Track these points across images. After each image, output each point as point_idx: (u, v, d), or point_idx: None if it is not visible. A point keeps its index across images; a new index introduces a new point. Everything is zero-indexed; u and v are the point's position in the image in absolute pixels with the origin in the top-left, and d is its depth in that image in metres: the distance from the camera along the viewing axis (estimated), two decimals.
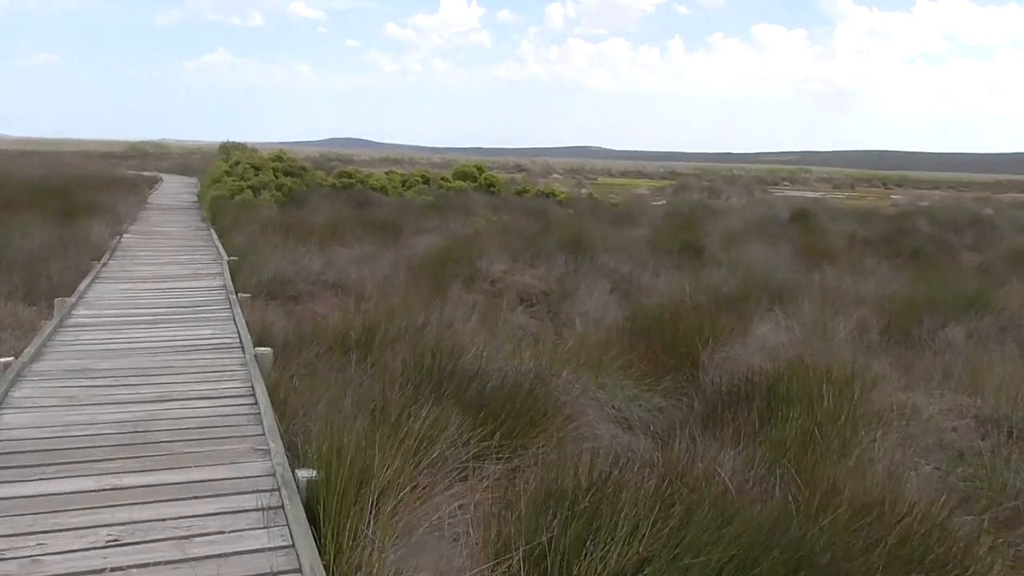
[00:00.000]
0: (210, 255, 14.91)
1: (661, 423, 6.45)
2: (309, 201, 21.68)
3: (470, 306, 12.17)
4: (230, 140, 31.53)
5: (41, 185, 23.90)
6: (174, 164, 59.93)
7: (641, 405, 6.68)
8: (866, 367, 6.78)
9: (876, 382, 6.32)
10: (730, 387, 6.62)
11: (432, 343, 7.00)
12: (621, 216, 25.76)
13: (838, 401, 5.68)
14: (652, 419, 6.54)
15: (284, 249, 14.03)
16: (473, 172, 28.59)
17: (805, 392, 5.87)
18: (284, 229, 16.68)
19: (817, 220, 26.94)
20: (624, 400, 6.66)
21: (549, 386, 6.15)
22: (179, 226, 19.76)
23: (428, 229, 19.71)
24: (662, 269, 14.73)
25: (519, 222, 21.63)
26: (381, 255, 16.23)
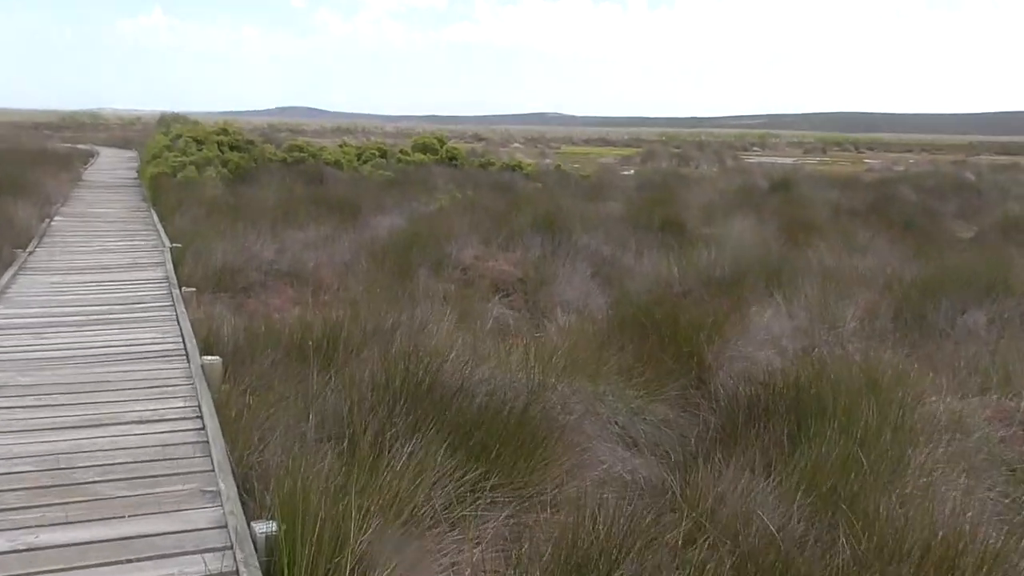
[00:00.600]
0: (151, 241, 14.03)
1: (672, 440, 5.87)
2: (258, 178, 20.75)
3: (441, 297, 11.51)
4: (170, 111, 30.29)
5: None
6: (112, 136, 58.14)
7: (647, 419, 6.08)
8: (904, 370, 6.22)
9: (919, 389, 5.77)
10: (748, 396, 6.04)
11: (405, 350, 6.32)
12: (592, 189, 25.12)
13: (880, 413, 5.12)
14: (661, 436, 5.94)
15: (233, 234, 13.19)
16: (434, 144, 27.75)
17: (838, 402, 5.31)
18: (232, 210, 15.82)
19: (798, 189, 26.56)
20: (627, 413, 6.06)
21: (543, 401, 5.52)
22: (116, 207, 18.76)
23: (389, 208, 18.92)
24: (644, 249, 14.14)
25: (486, 198, 20.90)
26: (339, 238, 15.43)
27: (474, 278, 11.91)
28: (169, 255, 12.24)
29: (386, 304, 9.95)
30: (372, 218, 17.78)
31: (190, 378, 6.63)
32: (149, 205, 18.64)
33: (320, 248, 14.22)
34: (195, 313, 9.45)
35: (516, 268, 12.11)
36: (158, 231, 14.78)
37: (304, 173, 21.92)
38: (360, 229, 16.95)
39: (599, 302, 11.65)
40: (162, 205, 17.18)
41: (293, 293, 11.54)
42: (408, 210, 19.36)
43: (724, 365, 7.03)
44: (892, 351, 7.99)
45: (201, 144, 21.78)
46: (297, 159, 23.40)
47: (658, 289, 11.88)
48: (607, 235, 14.72)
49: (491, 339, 8.62)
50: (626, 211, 20.06)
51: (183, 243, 12.92)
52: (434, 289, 11.61)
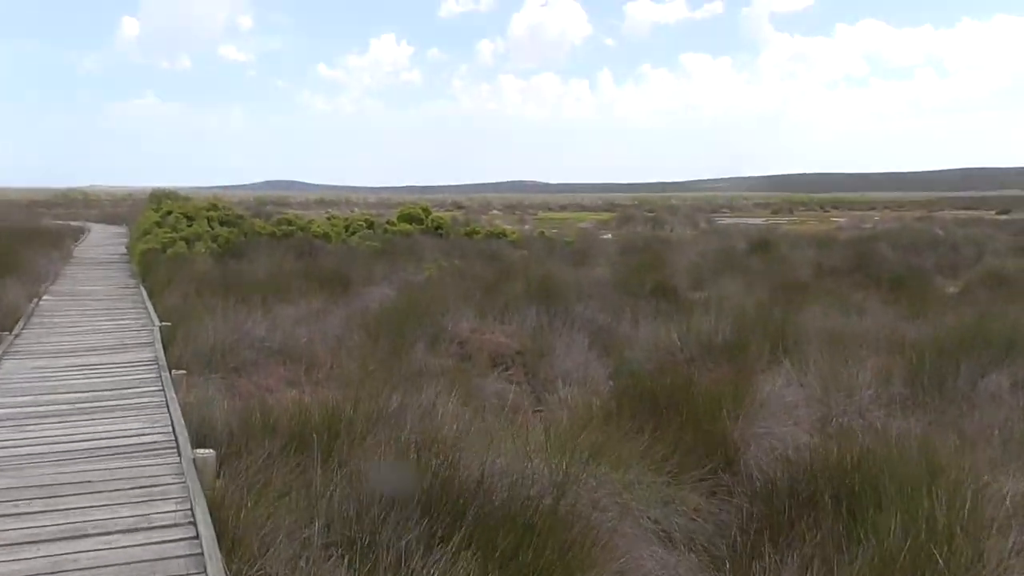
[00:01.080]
0: (140, 319, 13.34)
1: (708, 532, 5.23)
2: (248, 252, 20.14)
3: (439, 373, 10.86)
4: (160, 187, 29.73)
5: None
6: (103, 212, 57.48)
7: (679, 510, 5.44)
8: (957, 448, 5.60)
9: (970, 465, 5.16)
10: (787, 480, 5.41)
11: (414, 440, 5.67)
12: (577, 255, 24.69)
13: (945, 499, 4.50)
14: (696, 528, 5.30)
15: (223, 311, 12.52)
16: (419, 214, 27.30)
17: (895, 488, 4.71)
18: (222, 286, 15.15)
19: (778, 250, 26.24)
20: (659, 504, 5.41)
21: (571, 497, 4.87)
22: (106, 284, 18.05)
23: (378, 278, 18.34)
24: (639, 316, 13.59)
25: (475, 267, 20.38)
26: (330, 311, 14.80)
27: (471, 351, 11.28)
28: (158, 334, 11.55)
29: (385, 383, 9.32)
30: (363, 289, 17.19)
31: (181, 475, 5.94)
32: (138, 281, 17.95)
33: (312, 323, 13.57)
34: (186, 397, 8.78)
35: (513, 340, 11.50)
36: (147, 309, 14.09)
37: (294, 246, 21.33)
38: (351, 301, 16.34)
39: (599, 372, 11.05)
40: (152, 281, 16.51)
41: (286, 372, 10.85)
42: (397, 280, 18.78)
43: (751, 443, 6.42)
44: (915, 419, 7.41)
45: (191, 220, 21.19)
46: (286, 232, 22.84)
47: (659, 357, 11.31)
48: (602, 303, 14.16)
49: (499, 419, 7.99)
50: (614, 276, 19.58)
51: (173, 321, 12.25)
52: (431, 364, 10.97)
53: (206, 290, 15.25)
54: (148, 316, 13.54)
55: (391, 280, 18.64)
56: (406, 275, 19.59)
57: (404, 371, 10.91)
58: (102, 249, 26.53)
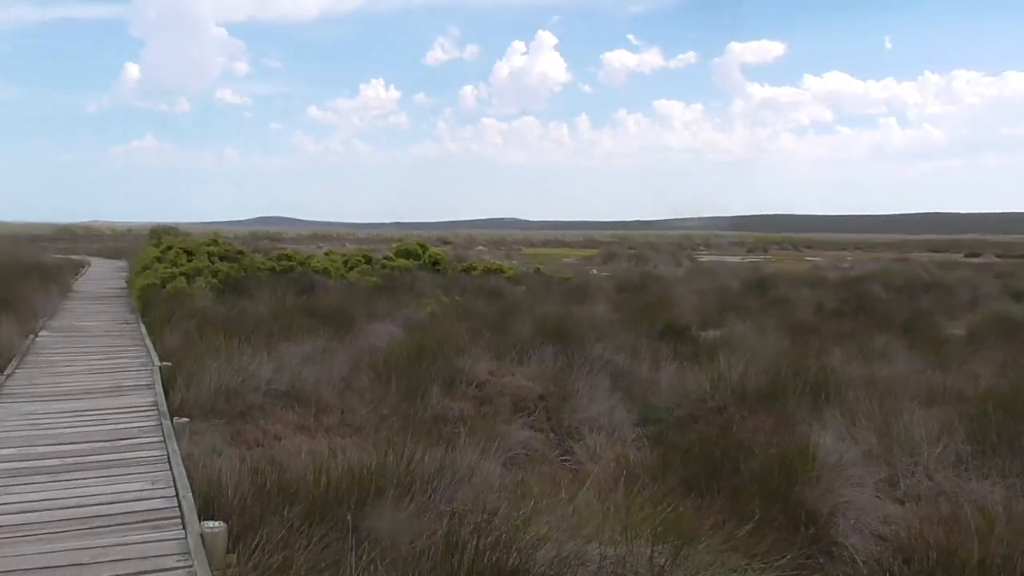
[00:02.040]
0: (139, 358, 12.22)
1: None
2: (248, 288, 19.05)
3: (457, 418, 9.81)
4: (160, 223, 28.63)
5: None
6: (104, 247, 56.04)
7: None
8: None
9: None
10: None
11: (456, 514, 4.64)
12: (574, 291, 23.74)
13: None
14: None
15: (226, 350, 11.43)
16: (416, 250, 26.31)
17: None
18: (224, 324, 14.06)
19: (776, 289, 25.40)
20: None
21: None
22: (104, 319, 16.90)
23: (381, 316, 17.28)
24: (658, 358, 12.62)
25: (477, 304, 19.36)
26: (336, 350, 13.73)
27: (491, 395, 10.24)
28: (159, 376, 10.47)
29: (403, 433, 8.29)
30: (366, 327, 16.12)
31: (187, 554, 4.87)
32: (138, 317, 16.82)
33: (318, 362, 12.49)
34: (189, 447, 7.71)
35: (534, 383, 10.47)
36: (147, 347, 12.99)
37: (294, 282, 20.25)
38: (356, 339, 15.27)
39: (624, 418, 10.04)
40: (151, 317, 15.39)
41: (295, 417, 9.76)
42: (401, 317, 17.73)
43: (835, 514, 5.42)
44: (990, 482, 6.45)
45: (191, 255, 20.09)
46: (285, 268, 21.76)
47: (688, 404, 10.33)
48: (615, 343, 13.17)
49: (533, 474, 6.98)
50: (620, 315, 18.62)
51: (174, 361, 11.16)
52: (449, 409, 9.93)
53: (207, 327, 14.14)
54: (148, 354, 12.44)
55: (394, 317, 17.59)
56: (408, 312, 18.56)
57: (420, 416, 9.88)
58: (101, 284, 25.32)
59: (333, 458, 6.46)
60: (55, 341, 13.78)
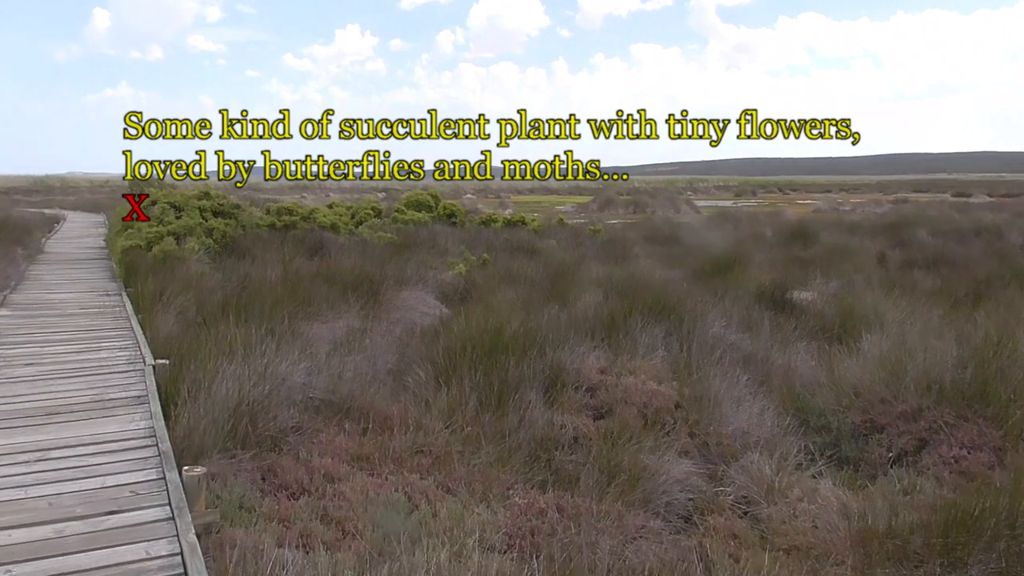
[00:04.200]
0: (125, 351, 9.24)
1: None
2: (248, 249, 15.97)
3: (574, 439, 6.98)
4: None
5: None
6: (81, 200, 52.28)
7: None
8: None
9: None
10: None
11: None
12: (611, 246, 20.84)
13: None
14: None
15: (240, 340, 8.48)
16: (428, 201, 23.21)
17: None
18: (230, 299, 11.06)
19: (818, 237, 22.67)
20: None
21: None
22: (80, 290, 13.81)
23: (410, 280, 14.33)
24: (778, 334, 9.82)
25: (514, 264, 16.43)
26: (372, 330, 10.84)
27: (610, 403, 7.39)
28: (153, 383, 7.54)
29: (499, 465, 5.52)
30: (396, 296, 13.21)
31: None
32: (120, 287, 13.75)
33: (354, 349, 9.60)
34: (202, 517, 4.89)
35: (662, 386, 7.60)
36: (135, 334, 10.00)
37: (300, 241, 17.17)
38: (388, 311, 12.39)
39: (778, 425, 7.28)
40: (137, 289, 12.32)
41: (347, 441, 6.90)
42: (432, 282, 14.81)
43: None
44: None
45: (180, 210, 16.89)
46: (288, 224, 18.62)
47: (860, 405, 7.55)
48: (723, 317, 10.34)
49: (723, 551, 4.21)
50: (678, 274, 15.79)
51: (172, 358, 8.23)
52: (558, 425, 7.09)
53: (209, 304, 11.17)
54: (135, 342, 9.48)
55: (424, 281, 14.67)
56: (437, 274, 15.62)
57: (517, 437, 7.05)
58: (78, 243, 22.06)
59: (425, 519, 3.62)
60: (15, 324, 10.74)
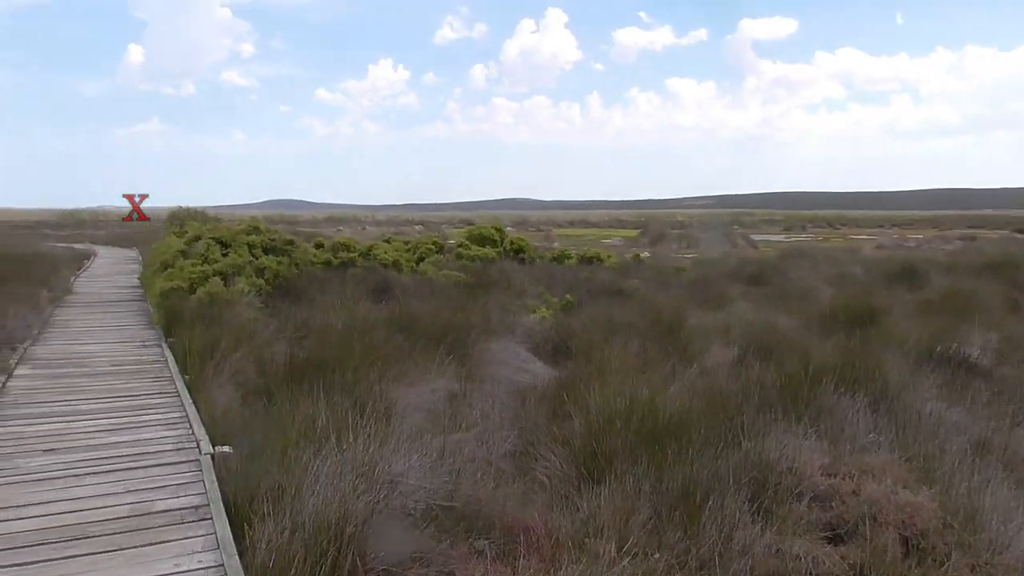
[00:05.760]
0: (170, 426, 7.31)
1: None
2: (304, 290, 14.13)
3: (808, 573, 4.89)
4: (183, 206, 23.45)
5: None
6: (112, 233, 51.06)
7: None
8: None
9: None
10: None
11: None
12: (699, 286, 18.75)
13: None
14: None
15: (323, 412, 6.52)
16: (493, 235, 21.34)
17: None
18: (296, 358, 9.09)
19: (927, 278, 20.41)
20: None
21: None
22: (113, 340, 12.00)
23: (497, 328, 12.36)
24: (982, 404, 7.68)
25: (606, 307, 14.41)
26: (470, 394, 8.85)
27: (852, 520, 5.27)
28: (216, 488, 5.59)
29: None
30: (485, 348, 11.23)
31: None
32: (160, 337, 11.93)
33: (457, 421, 7.62)
34: None
35: (920, 495, 5.48)
36: (181, 400, 8.09)
37: (361, 281, 15.30)
38: (479, 366, 10.41)
39: None
40: (182, 342, 10.43)
41: None
42: (521, 330, 12.81)
43: None
44: None
45: (227, 247, 15.11)
46: (345, 261, 16.79)
47: None
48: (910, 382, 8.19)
49: None
50: (799, 322, 13.67)
51: (234, 443, 6.31)
52: (780, 558, 4.99)
53: (270, 360, 9.23)
54: (183, 416, 7.57)
55: (513, 329, 12.68)
56: (521, 318, 13.64)
57: (735, 571, 4.97)
58: (109, 282, 20.38)
59: None
60: (34, 388, 8.89)
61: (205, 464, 6.07)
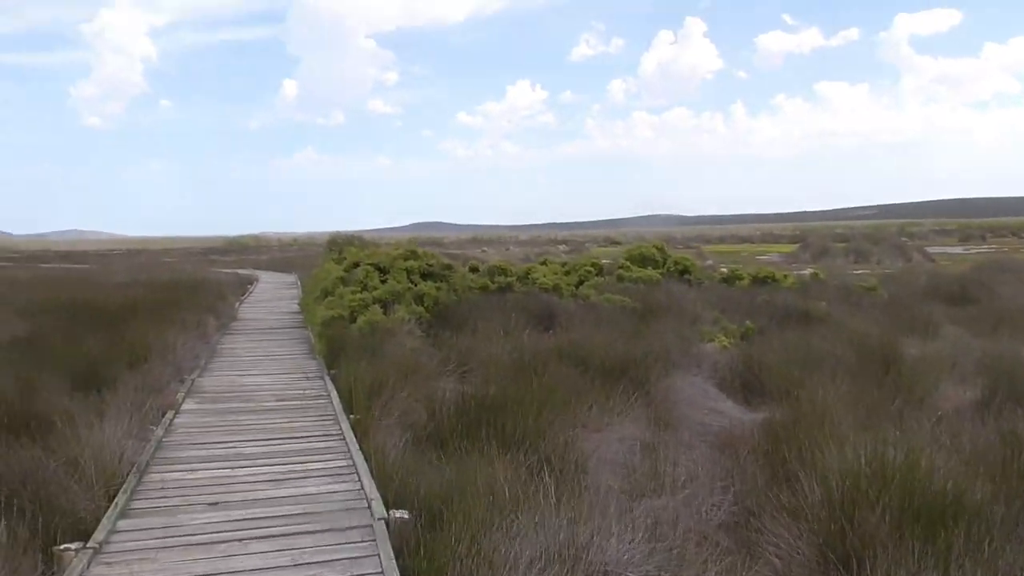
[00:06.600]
0: (337, 478, 6.61)
1: None
2: (466, 318, 13.47)
3: None
4: (341, 231, 23.61)
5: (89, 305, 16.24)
6: (272, 258, 53.23)
7: None
8: None
9: None
10: None
11: None
12: (897, 308, 16.81)
13: None
14: None
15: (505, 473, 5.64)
16: (654, 255, 20.13)
17: None
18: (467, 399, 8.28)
19: None
20: None
21: None
22: (276, 370, 11.70)
23: (679, 362, 11.19)
24: None
25: (795, 334, 12.93)
26: (664, 443, 7.76)
27: None
28: (394, 567, 4.77)
29: None
30: (664, 383, 10.09)
31: None
32: (322, 368, 11.50)
33: (658, 481, 6.55)
34: None
35: None
36: (347, 446, 7.44)
37: (522, 307, 14.53)
38: (666, 405, 9.29)
39: None
40: (345, 377, 9.86)
41: None
42: (707, 363, 11.58)
43: None
44: None
45: (385, 272, 14.70)
46: (502, 286, 16.07)
47: None
48: None
49: None
50: None
51: (410, 502, 5.52)
52: None
53: (438, 399, 8.48)
54: (350, 465, 6.88)
55: (698, 362, 11.49)
56: (705, 349, 12.39)
57: None
58: (271, 308, 20.61)
59: None
60: (200, 425, 8.52)
61: (379, 532, 5.29)
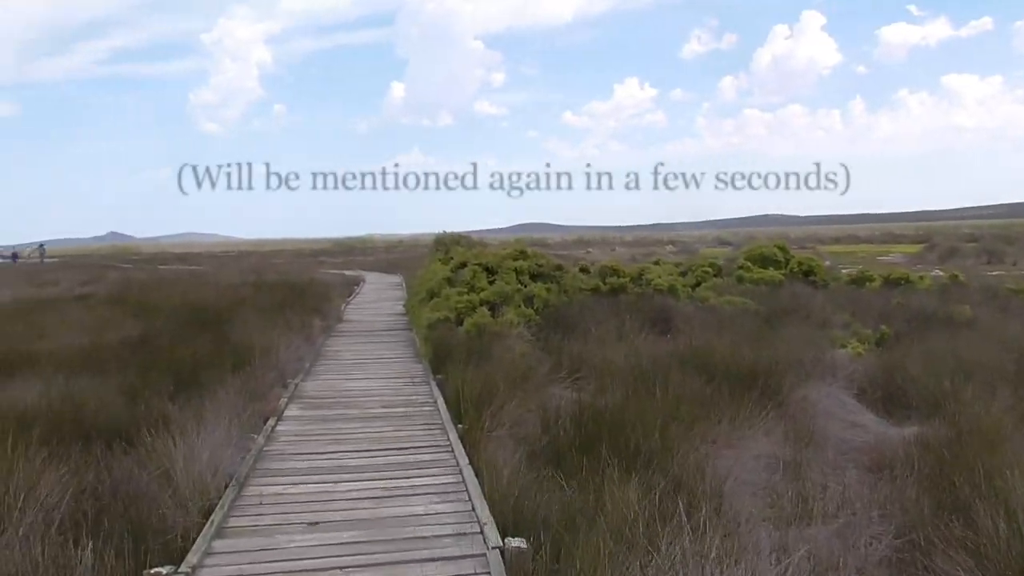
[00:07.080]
0: (445, 497, 6.09)
1: None
2: (577, 321, 12.86)
3: None
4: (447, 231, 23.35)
5: (200, 306, 16.42)
6: (378, 260, 53.98)
7: None
8: None
9: None
10: None
11: None
12: None
13: None
14: None
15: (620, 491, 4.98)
16: (775, 254, 19.02)
17: None
18: (584, 411, 7.65)
19: None
20: None
21: None
22: (381, 375, 11.36)
23: (812, 371, 10.24)
24: None
25: (939, 340, 11.74)
26: (805, 461, 6.94)
27: None
28: None
29: None
30: (804, 395, 9.19)
31: None
32: (427, 373, 11.08)
33: (806, 508, 5.76)
34: None
35: None
36: (455, 459, 6.93)
37: (636, 309, 13.81)
38: (802, 418, 8.41)
39: None
40: (453, 384, 9.38)
41: None
42: (837, 370, 10.58)
43: None
44: None
45: (493, 273, 14.25)
46: (614, 287, 15.37)
47: None
48: None
49: None
50: None
51: (520, 523, 4.94)
52: None
53: (552, 410, 7.88)
54: (459, 481, 6.36)
55: (824, 369, 10.50)
56: (838, 356, 11.37)
57: None
58: (376, 309, 20.49)
59: None
60: (302, 433, 8.20)
61: (494, 563, 4.72)
